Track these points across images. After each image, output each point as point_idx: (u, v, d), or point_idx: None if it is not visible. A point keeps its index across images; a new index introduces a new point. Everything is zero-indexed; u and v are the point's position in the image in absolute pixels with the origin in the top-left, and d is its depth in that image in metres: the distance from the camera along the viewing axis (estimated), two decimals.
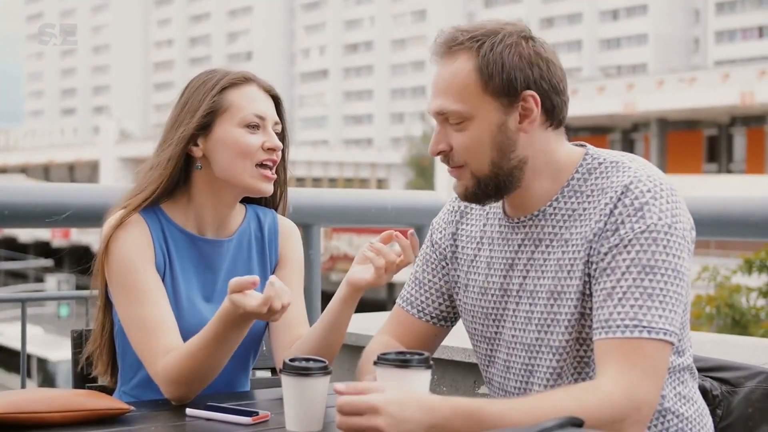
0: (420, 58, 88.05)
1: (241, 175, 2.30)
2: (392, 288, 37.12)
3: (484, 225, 2.18)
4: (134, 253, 2.24)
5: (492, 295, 2.13)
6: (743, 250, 12.43)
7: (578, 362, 2.01)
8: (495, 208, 2.17)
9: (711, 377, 2.26)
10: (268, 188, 2.34)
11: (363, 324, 3.95)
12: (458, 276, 2.22)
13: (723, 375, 2.26)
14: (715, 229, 3.34)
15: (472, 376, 3.40)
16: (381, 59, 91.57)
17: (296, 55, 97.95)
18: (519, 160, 2.02)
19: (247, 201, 2.46)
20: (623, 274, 1.89)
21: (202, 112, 2.28)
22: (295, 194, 3.96)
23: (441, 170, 45.29)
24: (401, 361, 1.84)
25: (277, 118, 2.37)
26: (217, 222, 2.36)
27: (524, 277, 2.07)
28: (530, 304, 2.05)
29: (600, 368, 1.88)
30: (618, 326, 1.87)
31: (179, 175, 2.33)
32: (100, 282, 2.32)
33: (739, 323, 10.25)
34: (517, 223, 2.09)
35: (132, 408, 2.04)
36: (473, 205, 2.23)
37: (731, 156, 50.94)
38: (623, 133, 50.65)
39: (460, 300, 2.22)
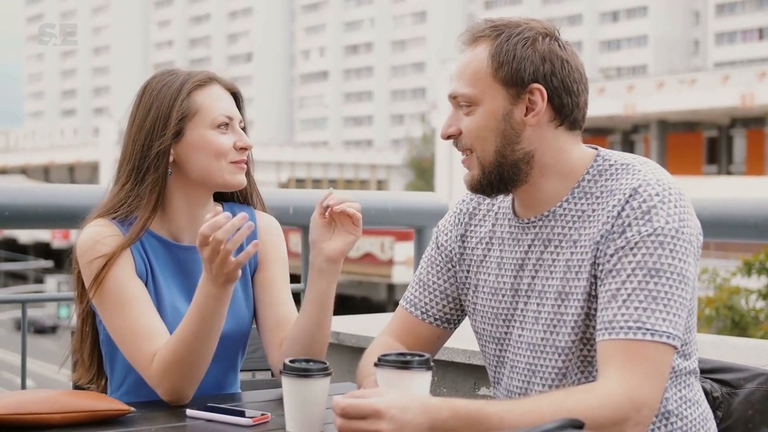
0: (420, 59, 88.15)
1: (218, 173, 2.28)
2: (392, 289, 37.12)
3: (493, 225, 2.19)
4: (118, 264, 2.22)
5: (503, 296, 2.13)
6: (743, 252, 12.44)
7: (581, 362, 2.01)
8: (504, 208, 2.17)
9: (711, 379, 2.25)
10: (243, 180, 2.34)
11: (363, 325, 3.95)
12: (467, 277, 2.22)
13: (723, 377, 2.25)
14: (715, 230, 3.34)
15: (473, 378, 3.40)
16: (381, 61, 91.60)
17: (296, 57, 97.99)
18: (525, 153, 2.03)
19: (222, 199, 2.44)
20: (628, 276, 1.90)
21: (174, 119, 2.26)
22: (295, 195, 3.96)
23: (441, 172, 45.33)
24: (402, 363, 1.83)
25: (240, 116, 2.36)
26: (193, 225, 2.33)
27: (533, 277, 2.07)
28: (538, 304, 2.06)
29: (602, 369, 1.88)
30: (621, 328, 1.88)
31: None
32: (80, 292, 2.30)
33: (738, 325, 10.25)
34: (527, 223, 2.10)
35: (132, 409, 2.04)
36: (481, 206, 2.24)
37: (731, 158, 50.97)
38: (623, 135, 50.66)
39: (469, 301, 2.22)
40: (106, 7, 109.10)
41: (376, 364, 1.86)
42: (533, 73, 2.01)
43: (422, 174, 60.26)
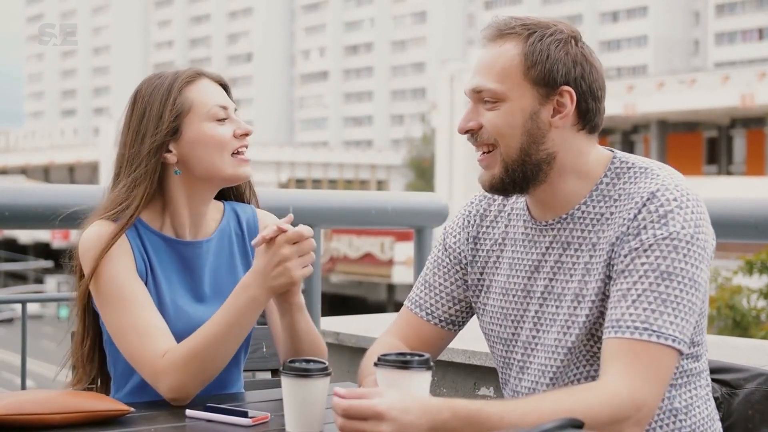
0: (420, 59, 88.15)
1: (222, 167, 2.30)
2: (392, 289, 37.09)
3: (506, 227, 2.19)
4: (118, 263, 2.23)
5: (513, 296, 2.13)
6: (743, 252, 12.44)
7: (591, 356, 2.02)
8: (518, 210, 2.18)
9: (711, 379, 2.25)
10: (248, 171, 2.36)
11: (363, 325, 3.95)
12: (478, 278, 2.22)
13: (723, 377, 2.26)
14: (715, 230, 3.33)
15: (472, 378, 3.40)
16: (381, 61, 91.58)
17: (296, 57, 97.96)
18: (548, 154, 2.03)
19: (221, 197, 2.45)
20: (640, 277, 1.91)
21: (169, 117, 2.27)
22: (295, 196, 3.97)
23: (441, 172, 45.32)
24: (402, 363, 1.83)
25: (234, 105, 2.37)
26: (195, 222, 2.35)
27: (551, 280, 2.07)
28: (556, 307, 2.06)
29: (605, 366, 1.89)
30: (628, 327, 1.88)
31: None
32: (81, 294, 2.30)
33: (739, 325, 10.25)
34: (545, 226, 2.10)
35: (132, 409, 2.04)
36: (491, 208, 2.23)
37: (731, 158, 50.94)
38: (623, 135, 50.65)
39: (479, 301, 2.22)
40: (106, 7, 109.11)
41: (375, 364, 1.86)
42: (565, 76, 2.01)
43: (422, 174, 60.22)
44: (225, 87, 2.39)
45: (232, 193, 2.48)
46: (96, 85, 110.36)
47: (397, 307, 2.37)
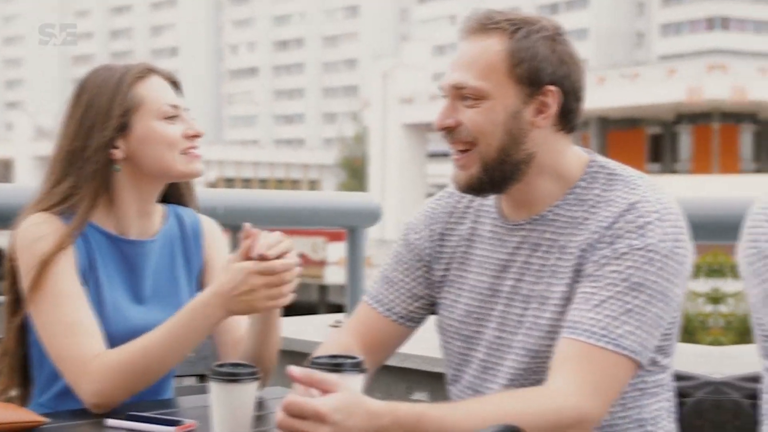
0: (352, 55, 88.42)
1: (172, 164, 2.26)
2: (325, 290, 37.17)
3: (474, 222, 2.15)
4: (58, 258, 2.16)
5: (479, 294, 2.10)
6: None
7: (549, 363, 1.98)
8: (487, 207, 2.14)
9: None
10: (201, 168, 2.33)
11: (294, 327, 3.96)
12: (443, 274, 2.18)
13: None
14: None
15: (405, 382, 3.38)
16: (312, 56, 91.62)
17: (224, 52, 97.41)
18: (527, 154, 2.00)
19: (163, 200, 2.39)
20: (608, 284, 1.88)
21: (118, 112, 2.22)
22: (225, 195, 3.96)
23: (373, 171, 45.50)
24: (333, 365, 1.79)
25: (185, 105, 2.34)
26: (141, 221, 2.30)
27: (518, 281, 2.04)
28: (523, 309, 2.03)
29: (556, 368, 1.86)
30: (585, 330, 1.85)
31: None
32: (14, 291, 2.23)
33: (686, 330, 10.37)
34: (515, 226, 2.06)
35: (47, 420, 1.96)
36: (459, 205, 2.19)
37: (676, 155, 51.02)
38: None
39: (442, 297, 2.18)
40: None
41: (308, 367, 1.80)
42: (550, 75, 1.98)
43: (355, 174, 60.46)
44: (176, 85, 2.35)
45: (171, 195, 2.42)
46: (8, 77, 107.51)
47: (329, 308, 2.33)
